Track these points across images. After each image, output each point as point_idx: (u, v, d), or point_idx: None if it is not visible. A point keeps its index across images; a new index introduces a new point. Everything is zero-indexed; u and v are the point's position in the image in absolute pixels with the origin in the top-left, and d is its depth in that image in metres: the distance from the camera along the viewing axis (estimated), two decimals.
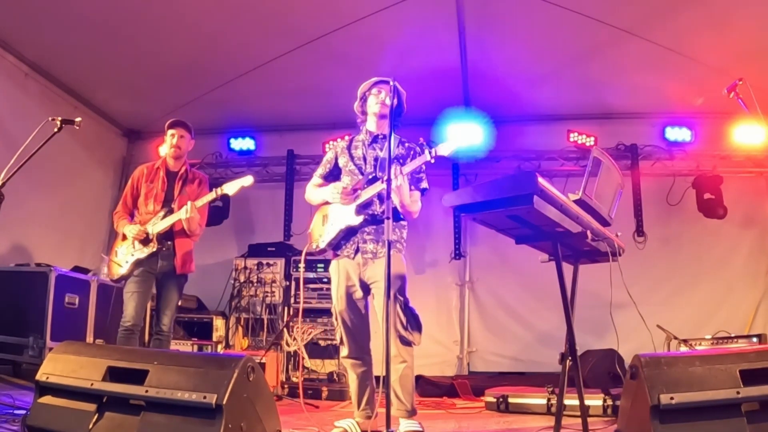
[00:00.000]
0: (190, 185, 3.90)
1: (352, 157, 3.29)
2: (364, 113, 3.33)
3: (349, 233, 3.15)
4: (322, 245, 3.22)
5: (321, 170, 3.43)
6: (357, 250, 3.13)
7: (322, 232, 3.25)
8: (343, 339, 3.17)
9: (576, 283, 2.82)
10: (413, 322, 3.02)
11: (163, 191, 3.83)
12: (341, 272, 3.17)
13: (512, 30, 5.29)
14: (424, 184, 3.25)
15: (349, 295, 3.15)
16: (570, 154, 6.49)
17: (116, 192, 6.66)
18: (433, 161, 3.08)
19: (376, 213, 3.13)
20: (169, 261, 3.73)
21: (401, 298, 3.02)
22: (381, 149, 3.21)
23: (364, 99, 3.31)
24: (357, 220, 3.11)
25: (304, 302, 5.77)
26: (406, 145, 3.26)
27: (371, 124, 3.30)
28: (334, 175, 3.39)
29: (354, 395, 3.20)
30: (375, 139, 3.27)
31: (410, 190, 3.14)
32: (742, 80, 3.35)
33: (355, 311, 3.16)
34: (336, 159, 3.38)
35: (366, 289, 3.14)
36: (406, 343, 3.01)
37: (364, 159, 3.25)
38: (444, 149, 3.07)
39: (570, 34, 5.19)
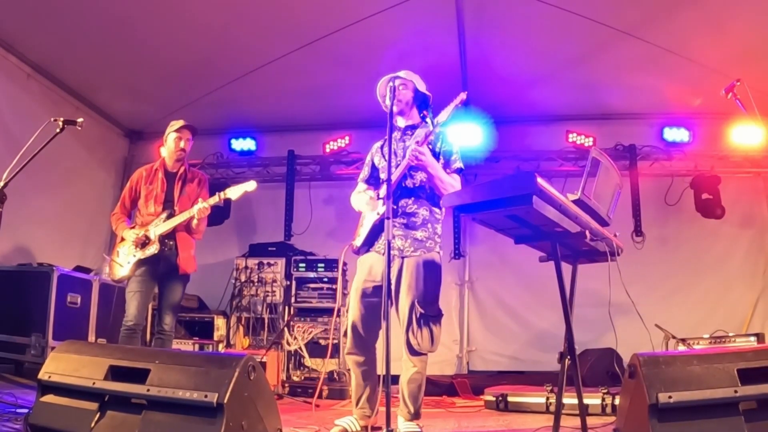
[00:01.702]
0: (189, 185, 3.92)
1: (383, 155, 3.32)
2: (392, 113, 3.34)
3: (379, 227, 3.13)
4: (359, 243, 3.23)
5: (362, 175, 3.47)
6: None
7: (360, 232, 3.27)
8: (347, 332, 3.17)
9: (575, 283, 2.82)
10: (426, 332, 2.99)
11: (162, 192, 3.84)
12: (365, 266, 3.18)
13: (511, 31, 5.31)
14: (459, 164, 3.24)
15: (365, 290, 3.14)
16: (569, 155, 6.51)
17: (118, 192, 6.66)
18: (437, 130, 3.11)
19: (404, 206, 3.14)
20: (171, 261, 3.75)
21: (419, 309, 3.00)
22: (411, 138, 3.22)
23: (384, 101, 3.30)
24: (383, 208, 3.07)
25: (304, 302, 5.80)
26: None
27: (399, 121, 3.33)
28: (375, 177, 3.41)
29: (353, 393, 3.20)
30: (405, 131, 3.30)
31: (445, 170, 3.15)
32: (740, 81, 3.37)
33: (367, 307, 3.13)
34: (372, 161, 3.42)
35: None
36: (414, 353, 3.01)
37: (395, 153, 3.27)
38: (443, 115, 3.09)
39: (569, 35, 5.20)
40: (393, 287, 3.11)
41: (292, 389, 5.11)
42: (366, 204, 3.22)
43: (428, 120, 3.13)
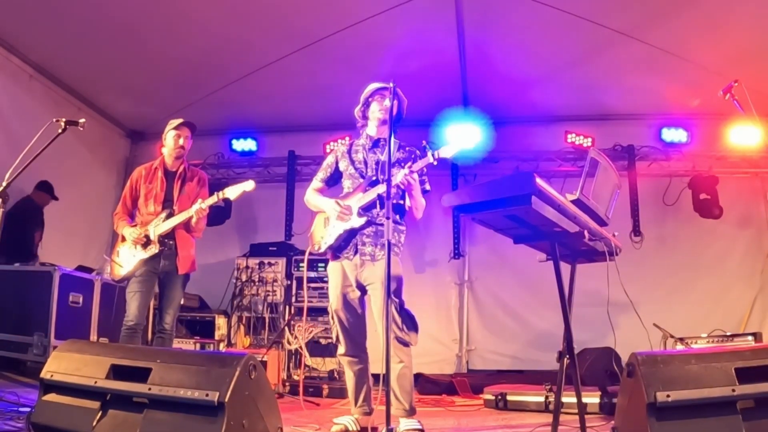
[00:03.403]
0: (189, 184, 3.91)
1: (353, 162, 3.33)
2: (366, 118, 3.36)
3: (350, 235, 3.19)
4: (324, 247, 3.26)
5: (322, 174, 3.45)
6: (356, 252, 3.17)
7: (323, 234, 3.28)
8: (339, 337, 3.22)
9: (573, 283, 2.82)
10: (409, 323, 3.06)
11: (162, 191, 3.83)
12: (338, 273, 3.22)
13: (511, 32, 5.33)
14: (426, 186, 3.30)
15: (345, 295, 3.19)
16: (568, 155, 6.53)
17: (119, 192, 6.58)
18: (435, 163, 3.13)
19: (374, 216, 3.17)
20: (172, 260, 3.74)
21: (396, 300, 3.05)
22: (382, 153, 3.25)
23: (366, 104, 3.33)
24: (359, 222, 3.14)
25: (306, 301, 5.82)
26: (407, 148, 3.31)
27: (372, 129, 3.34)
28: (334, 179, 3.42)
29: (351, 392, 3.24)
30: (376, 143, 3.31)
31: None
32: (738, 82, 3.37)
33: (351, 310, 3.20)
34: (336, 163, 3.41)
35: (362, 289, 3.19)
36: (403, 343, 3.04)
37: (365, 163, 3.28)
38: (446, 151, 3.12)
39: (568, 36, 5.23)
40: (369, 290, 3.16)
41: (292, 388, 5.12)
42: (335, 214, 3.20)
43: (429, 153, 3.14)
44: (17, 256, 5.05)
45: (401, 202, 3.24)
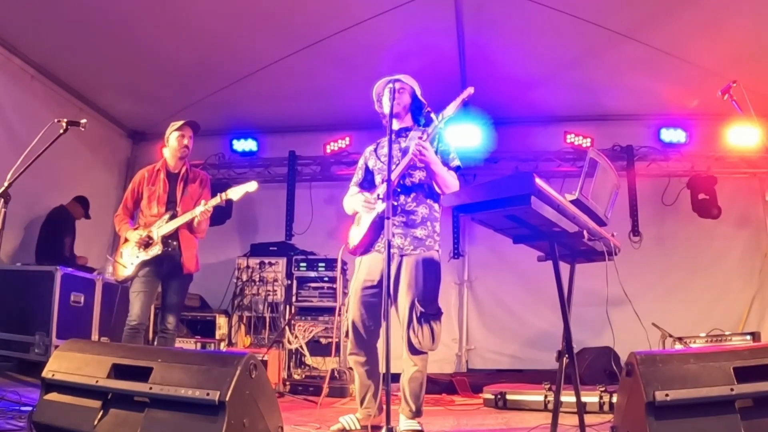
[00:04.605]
0: (192, 185, 3.93)
1: (378, 157, 3.33)
2: (384, 115, 3.33)
3: (379, 226, 3.11)
4: (356, 242, 3.20)
5: (355, 179, 3.46)
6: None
7: (356, 232, 3.25)
8: (349, 333, 3.17)
9: (573, 282, 2.82)
10: (427, 331, 2.99)
11: (165, 193, 3.85)
12: (362, 267, 3.18)
13: (510, 33, 5.35)
14: (456, 162, 3.24)
15: (364, 290, 3.14)
16: (567, 155, 6.54)
17: (121, 192, 6.66)
18: (442, 126, 3.11)
19: (403, 204, 3.14)
20: (175, 261, 3.77)
21: (419, 307, 3.00)
22: (405, 141, 3.23)
23: (379, 102, 3.32)
24: (382, 206, 3.05)
25: (305, 301, 5.83)
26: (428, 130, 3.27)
27: (393, 123, 3.33)
28: (368, 180, 3.40)
29: (357, 392, 3.22)
30: (399, 134, 3.28)
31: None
32: (736, 82, 3.38)
33: (367, 307, 3.13)
34: (366, 164, 3.41)
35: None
36: (415, 351, 3.01)
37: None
38: (450, 110, 3.09)
39: (567, 37, 5.24)
40: (392, 286, 3.11)
41: (293, 387, 5.13)
42: (362, 206, 3.19)
43: (433, 115, 3.13)
44: (50, 260, 5.15)
45: (431, 183, 3.17)
